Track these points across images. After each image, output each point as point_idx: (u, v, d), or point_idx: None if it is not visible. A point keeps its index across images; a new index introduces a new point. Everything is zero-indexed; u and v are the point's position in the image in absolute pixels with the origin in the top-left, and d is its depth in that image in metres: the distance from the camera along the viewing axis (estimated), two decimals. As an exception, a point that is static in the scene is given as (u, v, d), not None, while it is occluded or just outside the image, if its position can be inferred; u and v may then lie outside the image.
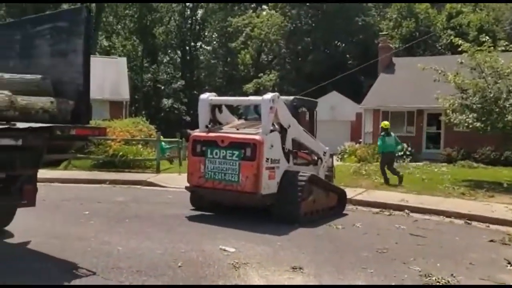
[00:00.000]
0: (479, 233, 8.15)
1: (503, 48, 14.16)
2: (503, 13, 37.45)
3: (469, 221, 9.11)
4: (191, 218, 8.05)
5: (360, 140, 25.05)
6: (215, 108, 8.69)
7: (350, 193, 10.56)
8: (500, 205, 10.26)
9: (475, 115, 13.43)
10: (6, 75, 5.59)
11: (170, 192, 11.17)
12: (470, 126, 13.76)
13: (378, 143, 13.51)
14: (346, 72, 39.05)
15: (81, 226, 7.16)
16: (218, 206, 8.71)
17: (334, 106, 28.69)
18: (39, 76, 5.54)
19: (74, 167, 14.21)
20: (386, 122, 13.92)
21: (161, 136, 16.23)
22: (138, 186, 12.36)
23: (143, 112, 37.49)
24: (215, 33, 50.57)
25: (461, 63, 14.15)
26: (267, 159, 7.70)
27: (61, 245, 5.94)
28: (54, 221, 7.40)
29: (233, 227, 7.29)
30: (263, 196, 7.66)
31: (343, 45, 42.50)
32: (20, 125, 4.78)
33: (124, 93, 27.93)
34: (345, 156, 21.77)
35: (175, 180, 12.69)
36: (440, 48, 38.37)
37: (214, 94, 8.90)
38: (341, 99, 30.20)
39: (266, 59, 46.49)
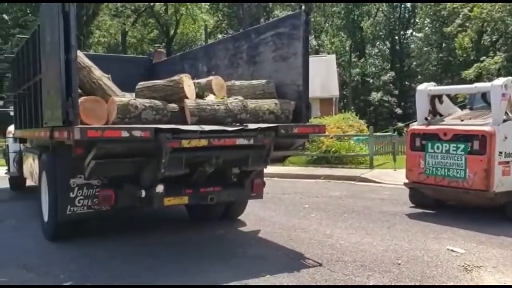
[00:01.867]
0: None
1: None
2: None
3: None
4: (412, 216, 7.82)
5: None
6: (434, 98, 8.24)
7: None
8: None
9: None
10: (237, 82, 6.37)
11: (386, 188, 11.04)
12: None
13: None
14: None
15: (303, 219, 7.65)
16: (440, 204, 8.25)
17: None
18: (264, 81, 6.15)
19: (290, 163, 15.21)
20: None
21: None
22: (352, 182, 12.56)
23: (352, 107, 37.86)
24: (427, 19, 47.76)
25: None
26: (500, 152, 6.96)
27: (287, 235, 6.47)
28: (278, 213, 8.10)
29: (460, 227, 6.82)
30: (495, 194, 6.96)
31: None
32: (251, 126, 5.40)
33: (334, 90, 28.73)
34: None
35: (391, 176, 12.49)
36: None
37: (433, 83, 8.45)
38: None
39: (489, 40, 41.84)
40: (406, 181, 8.22)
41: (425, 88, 8.23)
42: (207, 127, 5.14)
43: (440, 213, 7.91)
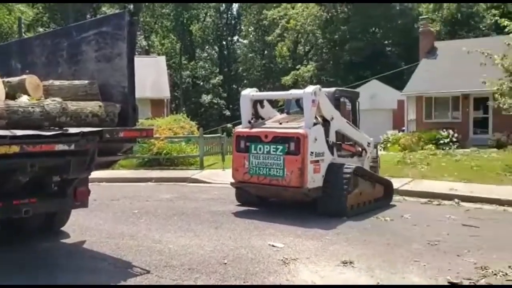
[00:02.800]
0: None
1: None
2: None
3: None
4: (238, 214, 8.11)
5: (403, 128, 24.49)
6: (256, 103, 8.72)
7: (396, 183, 10.35)
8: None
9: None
10: (57, 82, 5.79)
11: (215, 188, 11.31)
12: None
13: None
14: (386, 59, 38.33)
15: (132, 225, 7.35)
16: (264, 201, 8.74)
17: (374, 95, 28.10)
18: (86, 81, 5.71)
19: (121, 167, 14.54)
20: None
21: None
22: (183, 183, 12.58)
23: (183, 109, 38.07)
24: (251, 27, 50.63)
25: (509, 44, 13.54)
26: (312, 152, 7.65)
27: (115, 244, 6.12)
28: (106, 220, 7.64)
29: (280, 223, 7.30)
30: (309, 190, 7.63)
31: (381, 31, 41.58)
32: (72, 130, 4.94)
33: (165, 91, 28.44)
34: (388, 145, 21.33)
35: (219, 176, 12.85)
36: (484, 29, 36.97)
37: (255, 89, 8.93)
38: (382, 87, 29.57)
39: (303, 50, 46.15)
40: (233, 180, 8.52)
41: (248, 93, 8.65)
42: (19, 132, 4.54)
43: (263, 210, 8.38)
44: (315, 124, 7.89)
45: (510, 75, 13.42)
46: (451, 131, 21.56)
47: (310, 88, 7.88)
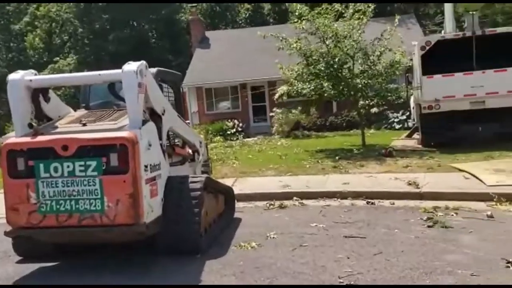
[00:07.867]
0: (401, 215, 6.72)
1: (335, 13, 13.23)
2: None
3: (370, 200, 7.75)
4: (21, 280, 4.63)
5: (188, 121, 22.70)
6: (38, 94, 5.14)
7: (224, 187, 8.22)
8: (382, 175, 9.22)
9: (326, 83, 12.41)
10: None
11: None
12: (323, 94, 12.82)
13: None
14: (152, 51, 36.04)
15: None
16: (63, 248, 5.35)
17: (150, 87, 25.49)
18: None
19: None
20: None
21: None
22: None
23: None
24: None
25: (302, 28, 12.89)
26: (146, 166, 4.72)
27: None
28: None
29: (106, 282, 4.27)
30: (147, 226, 4.64)
31: (145, 22, 38.92)
32: None
33: None
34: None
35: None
36: (240, 22, 38.33)
37: (33, 71, 5.24)
38: (156, 80, 27.17)
39: (59, 40, 39.87)
40: (9, 228, 4.83)
41: (22, 78, 5.00)
42: None
43: (65, 264, 5.10)
44: (144, 121, 4.96)
45: (306, 59, 12.77)
46: (236, 121, 20.86)
47: (133, 65, 4.82)
